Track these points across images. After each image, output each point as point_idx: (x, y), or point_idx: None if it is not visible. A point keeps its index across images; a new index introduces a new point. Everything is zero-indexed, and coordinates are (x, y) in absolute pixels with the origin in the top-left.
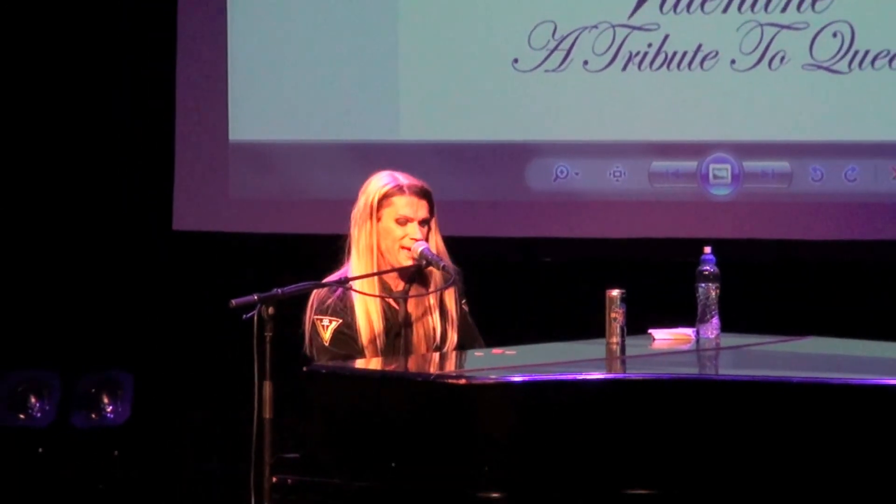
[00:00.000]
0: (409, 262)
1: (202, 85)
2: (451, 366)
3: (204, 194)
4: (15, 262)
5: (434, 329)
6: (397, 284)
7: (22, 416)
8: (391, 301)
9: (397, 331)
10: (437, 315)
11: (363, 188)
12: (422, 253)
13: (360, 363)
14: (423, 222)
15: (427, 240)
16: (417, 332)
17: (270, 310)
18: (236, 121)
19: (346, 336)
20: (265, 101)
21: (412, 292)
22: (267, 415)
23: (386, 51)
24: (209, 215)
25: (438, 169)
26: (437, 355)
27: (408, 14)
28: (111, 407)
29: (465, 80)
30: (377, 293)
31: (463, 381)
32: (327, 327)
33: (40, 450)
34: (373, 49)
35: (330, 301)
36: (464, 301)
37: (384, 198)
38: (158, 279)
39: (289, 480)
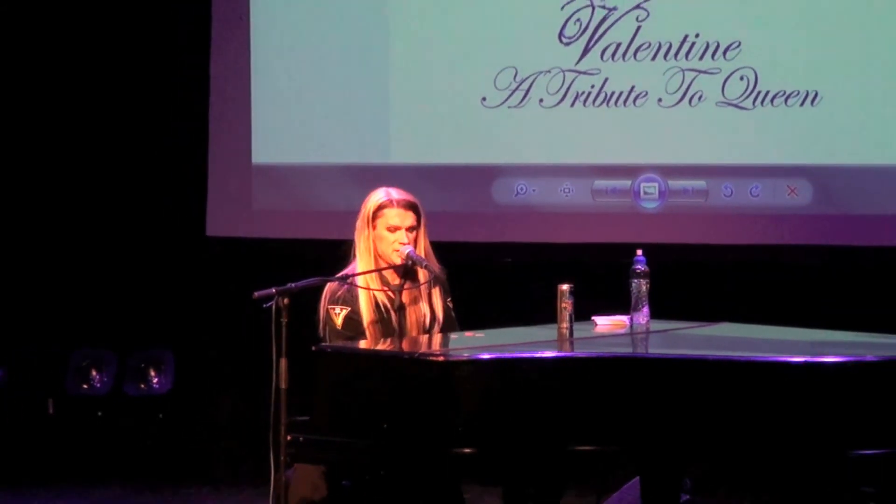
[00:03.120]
0: (400, 262)
1: (230, 118)
2: (431, 346)
3: (232, 206)
4: (78, 263)
5: (424, 315)
6: (394, 279)
7: (85, 386)
8: (389, 292)
9: (392, 316)
10: (426, 304)
11: (364, 202)
12: (408, 255)
13: (357, 344)
14: (411, 229)
15: (415, 243)
16: (410, 317)
17: (285, 300)
18: (258, 147)
19: (354, 321)
20: (281, 132)
21: (406, 285)
22: (283, 385)
23: (379, 92)
24: (236, 224)
25: (422, 186)
26: (419, 337)
27: (397, 62)
28: (157, 379)
29: (444, 114)
30: (377, 285)
31: (441, 358)
32: (339, 314)
33: (99, 413)
34: (368, 91)
35: (340, 293)
36: (449, 299)
37: (378, 210)
38: (195, 275)
39: (300, 438)
